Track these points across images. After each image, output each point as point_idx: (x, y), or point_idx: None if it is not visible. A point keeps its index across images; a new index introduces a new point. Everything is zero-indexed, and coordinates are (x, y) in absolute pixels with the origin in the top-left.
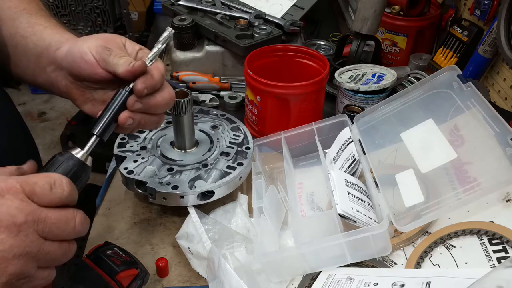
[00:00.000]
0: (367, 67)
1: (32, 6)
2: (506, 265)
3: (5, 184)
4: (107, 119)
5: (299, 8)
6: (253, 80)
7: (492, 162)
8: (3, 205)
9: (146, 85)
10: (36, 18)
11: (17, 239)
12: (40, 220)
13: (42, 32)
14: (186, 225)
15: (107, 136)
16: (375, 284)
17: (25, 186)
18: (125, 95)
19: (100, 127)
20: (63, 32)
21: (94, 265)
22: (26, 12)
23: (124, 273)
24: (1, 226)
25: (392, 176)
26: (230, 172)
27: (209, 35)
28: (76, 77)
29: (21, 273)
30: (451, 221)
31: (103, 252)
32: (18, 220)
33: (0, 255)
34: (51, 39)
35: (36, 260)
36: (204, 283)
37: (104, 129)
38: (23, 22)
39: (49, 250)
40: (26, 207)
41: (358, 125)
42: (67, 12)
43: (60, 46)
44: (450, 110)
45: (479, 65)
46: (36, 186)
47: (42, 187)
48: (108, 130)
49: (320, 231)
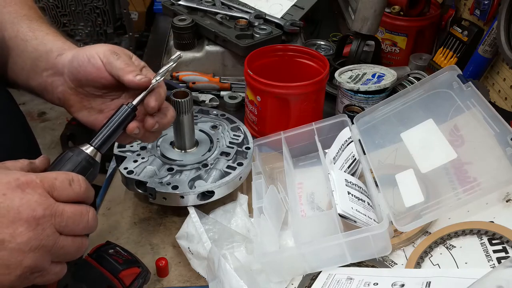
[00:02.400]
0: (367, 67)
1: (33, 13)
2: (506, 265)
3: (25, 178)
4: (107, 133)
5: (299, 8)
6: (253, 80)
7: (492, 162)
8: (23, 198)
9: (158, 103)
10: (37, 24)
11: (35, 232)
12: (57, 214)
13: (43, 38)
14: (186, 225)
15: (105, 149)
16: (375, 284)
17: (45, 181)
18: (127, 111)
19: (98, 139)
20: (64, 40)
21: (96, 263)
22: (26, 18)
23: (127, 271)
24: (20, 219)
25: (392, 176)
26: (230, 172)
27: (209, 35)
28: (79, 82)
29: (36, 267)
30: (451, 221)
31: (105, 251)
32: (37, 214)
33: (17, 248)
34: (53, 45)
35: (51, 254)
36: (204, 283)
37: (102, 142)
38: (23, 26)
39: (64, 244)
40: (45, 201)
41: (358, 125)
42: (67, 12)
43: (62, 53)
44: (450, 110)
45: (479, 65)
46: (56, 181)
47: (62, 182)
48: (107, 144)
49: (320, 231)
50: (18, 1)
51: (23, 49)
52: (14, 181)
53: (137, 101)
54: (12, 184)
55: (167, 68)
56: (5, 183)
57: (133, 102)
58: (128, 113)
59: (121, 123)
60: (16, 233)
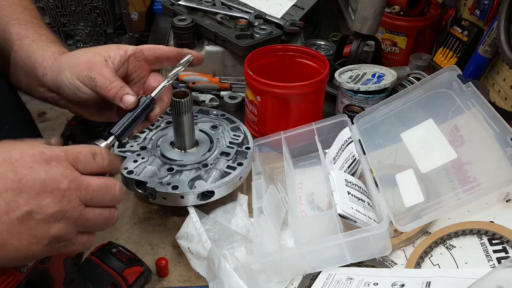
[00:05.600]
0: (367, 67)
1: (25, 16)
2: (506, 265)
3: (50, 152)
4: (127, 122)
5: (299, 8)
6: (253, 80)
7: (492, 162)
8: (49, 171)
9: (160, 111)
10: (25, 29)
11: (60, 204)
12: (82, 187)
13: (28, 48)
14: (186, 225)
15: (124, 138)
16: (375, 284)
17: (69, 155)
18: (146, 102)
19: (118, 127)
20: (46, 47)
21: (100, 262)
22: (18, 23)
23: (130, 269)
24: (46, 191)
25: (392, 176)
26: (230, 172)
27: (209, 35)
28: (76, 102)
29: (62, 236)
30: (451, 221)
31: (109, 250)
32: (62, 186)
33: (43, 218)
34: (36, 59)
35: (77, 225)
36: (204, 283)
37: (123, 130)
38: (13, 33)
39: (90, 216)
40: (70, 173)
41: (358, 125)
42: (67, 12)
43: (46, 73)
44: (450, 110)
45: (479, 65)
46: (80, 155)
47: (86, 156)
48: (126, 132)
49: (320, 231)
50: (12, 3)
51: (15, 61)
52: (39, 154)
53: (155, 93)
54: (37, 156)
55: (179, 68)
56: (31, 156)
57: (151, 95)
58: (147, 104)
59: (140, 114)
60: (43, 205)
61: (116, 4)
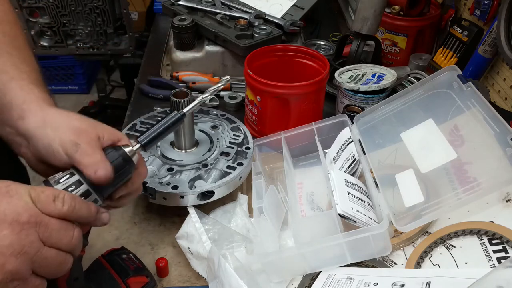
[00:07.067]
0: (367, 67)
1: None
2: (506, 265)
3: (15, 186)
4: (155, 133)
5: (299, 8)
6: (253, 80)
7: (492, 162)
8: (10, 203)
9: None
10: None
11: (18, 236)
12: (42, 223)
13: (5, 85)
14: (186, 225)
15: (150, 147)
16: (375, 284)
17: (32, 192)
18: (177, 116)
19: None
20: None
21: (108, 265)
22: None
23: (135, 278)
24: (5, 221)
25: (392, 176)
26: (230, 172)
27: (209, 35)
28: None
29: (17, 273)
30: (451, 221)
31: (119, 255)
32: (22, 219)
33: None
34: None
35: (33, 262)
36: (204, 283)
37: (150, 140)
38: None
39: (47, 255)
40: (31, 208)
41: (358, 125)
42: (67, 12)
43: (23, 116)
44: (450, 110)
45: (479, 65)
46: (42, 195)
47: (47, 196)
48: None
49: (320, 231)
50: None
51: None
52: (4, 187)
53: (187, 109)
54: (1, 190)
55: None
56: None
57: (183, 110)
58: (177, 118)
59: (169, 127)
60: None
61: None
